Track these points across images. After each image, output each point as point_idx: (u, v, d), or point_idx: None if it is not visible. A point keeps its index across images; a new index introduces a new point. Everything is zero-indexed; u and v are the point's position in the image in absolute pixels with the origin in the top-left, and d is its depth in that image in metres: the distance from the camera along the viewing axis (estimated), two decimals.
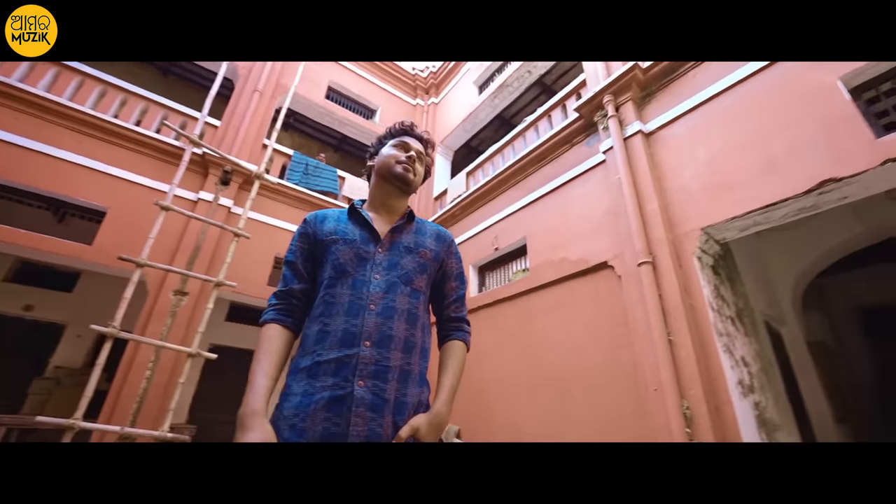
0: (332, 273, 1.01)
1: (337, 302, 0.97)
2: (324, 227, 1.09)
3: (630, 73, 3.65)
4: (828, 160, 2.43)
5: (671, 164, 3.29)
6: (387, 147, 1.18)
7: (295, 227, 5.52)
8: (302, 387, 0.89)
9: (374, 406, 0.87)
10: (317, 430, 0.83)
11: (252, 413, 0.83)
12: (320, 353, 0.92)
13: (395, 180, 1.12)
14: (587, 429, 3.15)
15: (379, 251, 1.05)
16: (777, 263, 4.62)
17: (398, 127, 1.20)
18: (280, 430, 0.85)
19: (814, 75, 2.63)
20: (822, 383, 4.13)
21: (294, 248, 1.10)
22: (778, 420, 2.96)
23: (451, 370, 1.03)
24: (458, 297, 1.16)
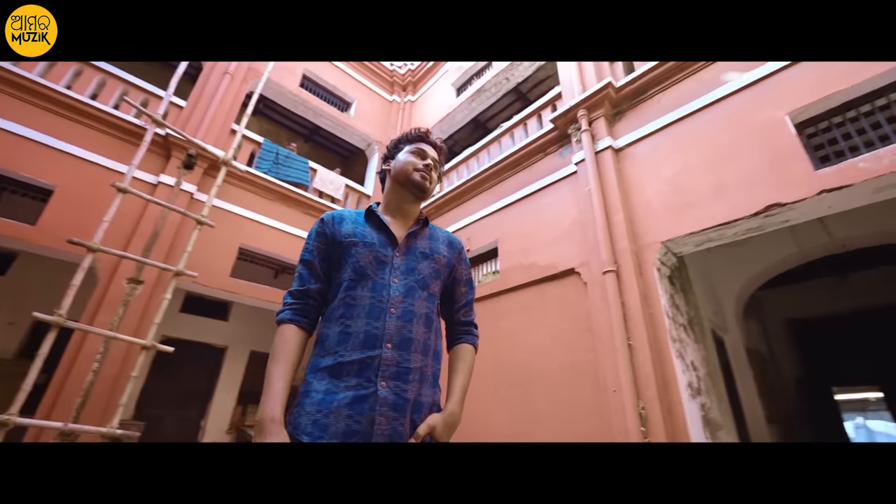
0: (353, 275, 1.03)
1: (358, 304, 0.99)
2: (342, 228, 1.10)
3: (604, 90, 3.85)
4: (774, 187, 2.70)
5: (637, 179, 3.51)
6: (403, 153, 1.19)
7: (262, 218, 5.36)
8: (324, 385, 0.92)
9: (397, 406, 0.91)
10: (339, 427, 0.86)
11: (271, 420, 0.85)
12: (343, 353, 0.94)
13: (413, 187, 1.15)
14: (550, 427, 3.30)
15: (396, 255, 1.08)
16: (722, 277, 5.04)
17: (415, 133, 1.22)
18: (302, 425, 0.88)
19: (765, 109, 2.91)
20: (757, 387, 4.56)
21: (311, 248, 1.11)
22: (720, 420, 3.24)
23: (462, 372, 1.09)
24: (467, 302, 1.21)
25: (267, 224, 5.40)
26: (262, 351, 7.64)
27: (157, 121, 3.30)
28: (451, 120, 7.07)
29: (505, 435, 3.61)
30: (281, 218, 5.58)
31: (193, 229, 3.61)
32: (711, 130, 3.17)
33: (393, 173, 1.19)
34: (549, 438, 3.23)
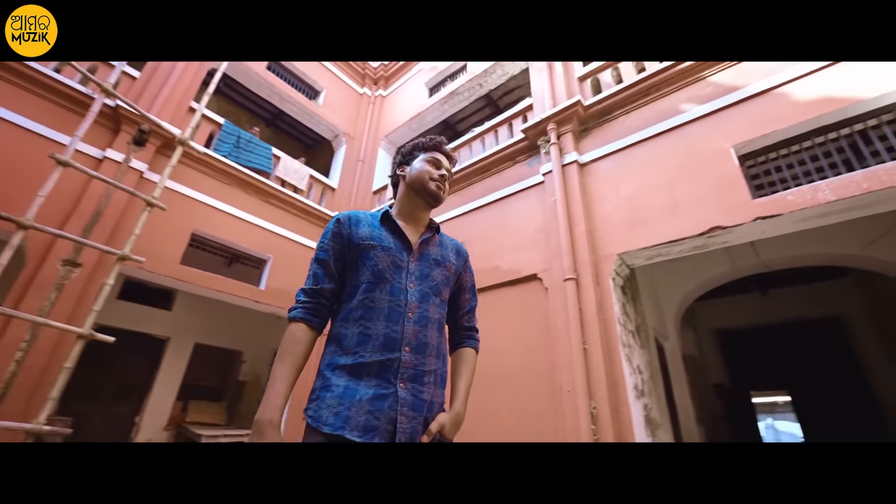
0: (371, 278, 1.05)
1: (377, 307, 1.02)
2: (359, 230, 1.12)
3: (573, 107, 4.06)
4: (717, 211, 3.00)
5: (599, 194, 3.74)
6: (419, 161, 1.22)
7: (219, 204, 5.09)
8: (344, 382, 0.94)
9: (415, 406, 0.96)
10: (360, 420, 0.90)
11: (270, 423, 0.87)
12: (363, 354, 0.97)
13: (428, 196, 1.18)
14: (506, 425, 3.44)
15: (411, 260, 1.11)
16: (665, 289, 5.47)
17: (430, 143, 1.25)
18: (323, 417, 0.90)
19: (714, 140, 3.22)
20: (690, 389, 5.01)
21: (326, 248, 1.12)
22: (659, 420, 3.54)
23: (466, 375, 1.15)
24: (470, 308, 1.26)
25: (223, 210, 5.14)
26: (208, 343, 7.23)
27: (107, 90, 3.06)
28: (421, 119, 7.09)
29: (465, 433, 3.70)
30: (239, 205, 5.32)
31: (143, 211, 3.38)
32: (667, 155, 3.46)
33: (408, 180, 1.21)
34: (507, 437, 3.37)
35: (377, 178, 7.05)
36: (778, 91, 3.07)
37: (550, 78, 4.65)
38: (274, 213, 5.72)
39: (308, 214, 6.11)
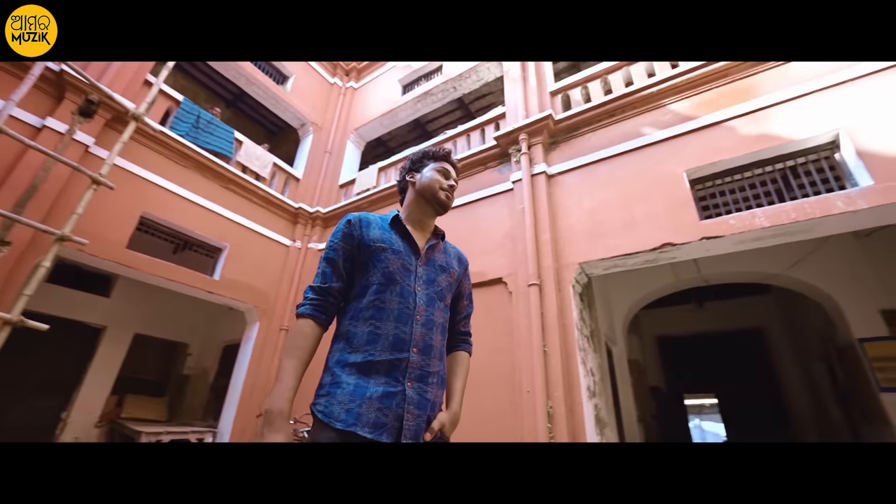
0: (382, 280, 1.08)
1: (387, 308, 1.06)
2: (370, 232, 1.14)
3: (545, 120, 4.24)
4: (669, 229, 3.27)
5: (564, 205, 3.94)
6: (429, 170, 1.26)
7: (173, 186, 4.78)
8: (354, 379, 0.97)
9: (420, 405, 1.00)
10: (370, 417, 0.93)
11: (280, 413, 0.90)
12: (372, 353, 1.00)
13: (438, 204, 1.23)
14: (467, 423, 3.53)
15: (419, 265, 1.15)
16: (616, 297, 5.85)
17: (441, 153, 1.30)
18: (335, 413, 0.93)
19: (669, 164, 3.51)
20: (633, 391, 5.40)
21: (336, 247, 1.14)
22: (607, 419, 3.80)
23: (462, 377, 1.21)
24: (467, 315, 1.32)
25: (178, 194, 4.83)
26: (150, 334, 6.74)
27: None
28: (393, 116, 7.05)
29: None
30: (196, 189, 5.03)
31: (87, 189, 3.16)
32: (627, 174, 3.71)
33: (418, 187, 1.25)
34: (468, 436, 3.46)
35: (345, 171, 6.92)
36: (726, 125, 3.40)
37: (524, 90, 4.82)
38: (233, 200, 5.46)
39: (270, 204, 5.89)
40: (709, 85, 3.61)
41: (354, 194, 6.25)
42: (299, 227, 6.21)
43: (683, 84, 3.72)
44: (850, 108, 2.93)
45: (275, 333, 5.44)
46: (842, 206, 2.71)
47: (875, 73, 2.91)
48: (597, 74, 4.47)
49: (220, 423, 5.02)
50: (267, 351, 5.30)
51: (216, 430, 4.99)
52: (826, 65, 3.12)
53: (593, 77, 4.48)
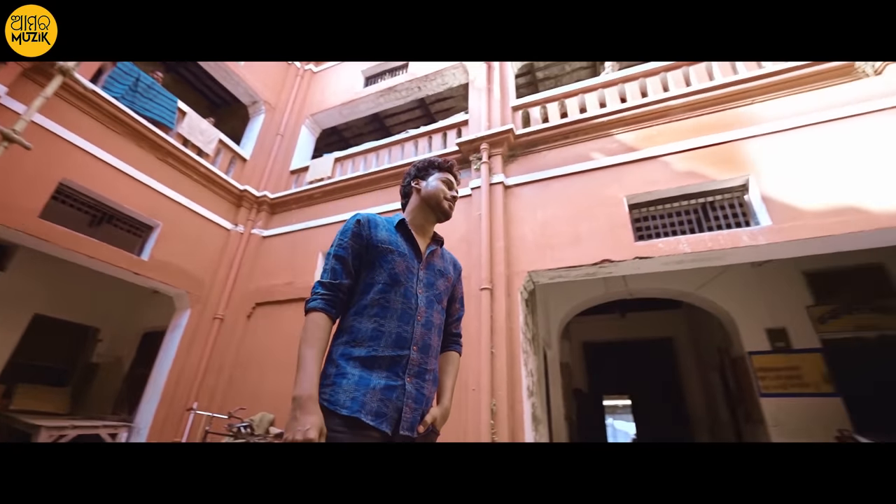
0: (388, 280, 1.14)
1: (391, 307, 1.12)
2: (378, 233, 1.19)
3: (506, 133, 4.46)
4: (609, 247, 3.63)
5: (518, 216, 4.19)
6: (434, 179, 1.33)
7: (101, 153, 4.33)
8: (358, 371, 1.03)
9: (417, 399, 1.08)
10: (373, 406, 1.00)
11: (310, 398, 0.95)
12: (376, 348, 1.06)
13: (441, 213, 1.31)
14: None
15: (421, 268, 1.22)
16: (554, 305, 6.29)
17: (446, 164, 1.37)
18: (341, 400, 0.99)
19: (613, 188, 3.89)
20: (562, 392, 5.85)
21: (346, 246, 1.18)
22: (541, 417, 4.11)
23: (452, 375, 1.29)
24: (459, 317, 1.39)
25: (106, 161, 4.35)
26: (53, 315, 5.95)
27: None
28: (353, 107, 6.91)
29: None
30: (128, 159, 4.56)
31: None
32: (576, 193, 4.05)
33: (424, 195, 1.32)
34: None
35: (297, 157, 6.65)
36: (662, 159, 3.86)
37: (489, 101, 5.02)
38: (170, 175, 5.03)
39: (211, 182, 5.50)
40: (651, 122, 4.06)
41: (307, 182, 6.05)
42: (243, 211, 5.87)
43: (630, 118, 4.14)
44: (759, 159, 3.48)
45: (208, 322, 5.10)
46: (747, 240, 3.22)
47: (779, 132, 3.49)
48: (555, 97, 4.79)
49: (137, 416, 4.60)
50: (198, 341, 4.95)
51: (132, 424, 4.57)
52: (744, 119, 3.67)
53: (552, 99, 4.80)
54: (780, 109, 3.58)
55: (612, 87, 4.51)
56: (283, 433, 0.93)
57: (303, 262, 5.27)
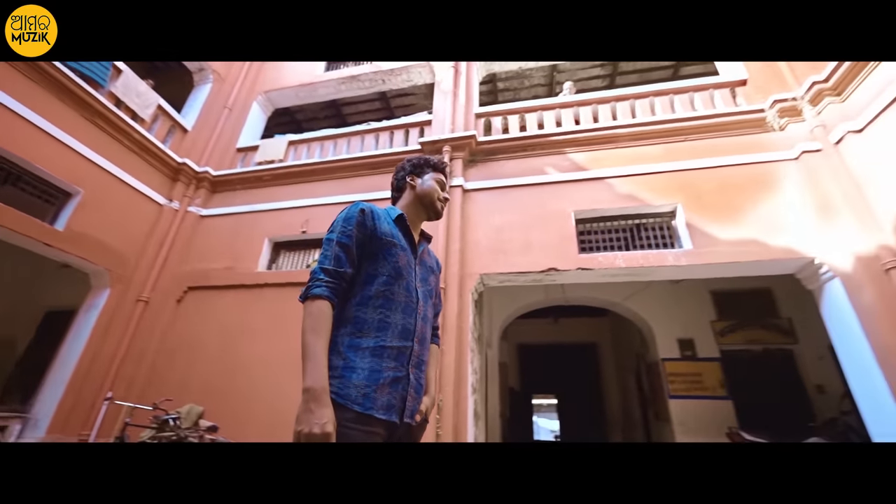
0: (392, 273, 1.16)
1: (395, 300, 1.14)
2: (381, 225, 1.20)
3: (468, 139, 4.61)
4: (555, 256, 3.92)
5: (475, 220, 4.35)
6: (429, 178, 1.36)
7: (17, 105, 3.79)
8: (367, 363, 1.04)
9: (417, 389, 1.13)
10: (382, 401, 1.02)
11: (325, 390, 0.95)
12: (383, 339, 1.08)
13: (433, 212, 1.35)
14: None
15: (416, 264, 1.25)
16: (497, 307, 6.58)
17: (441, 165, 1.41)
18: (353, 396, 0.99)
19: (563, 202, 4.19)
20: (499, 390, 6.14)
21: (350, 234, 1.16)
22: (481, 414, 4.31)
23: (435, 367, 1.34)
24: (437, 312, 1.44)
25: (20, 114, 3.79)
26: None
27: None
28: (312, 90, 6.66)
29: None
30: (49, 114, 4.01)
31: None
32: (529, 203, 4.30)
33: (419, 192, 1.35)
34: None
35: (246, 134, 6.26)
36: (607, 181, 4.23)
37: (454, 105, 5.13)
38: (98, 137, 4.50)
39: (145, 151, 5.01)
40: (600, 146, 4.43)
41: (255, 163, 5.73)
42: (180, 186, 5.41)
43: (582, 140, 4.48)
44: (687, 190, 3.96)
45: (130, 304, 4.63)
46: (672, 261, 3.66)
47: (704, 168, 4.00)
48: (516, 110, 5.04)
49: (34, 406, 4.05)
50: (117, 324, 4.48)
51: (27, 415, 4.02)
52: (677, 153, 4.15)
53: (514, 111, 5.04)
54: (706, 149, 4.11)
55: (569, 108, 4.85)
56: (297, 425, 0.91)
57: (246, 246, 4.99)
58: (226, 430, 3.53)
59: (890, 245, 3.03)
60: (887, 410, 2.83)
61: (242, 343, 4.33)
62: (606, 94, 4.82)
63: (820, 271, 3.44)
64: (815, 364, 5.23)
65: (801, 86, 3.84)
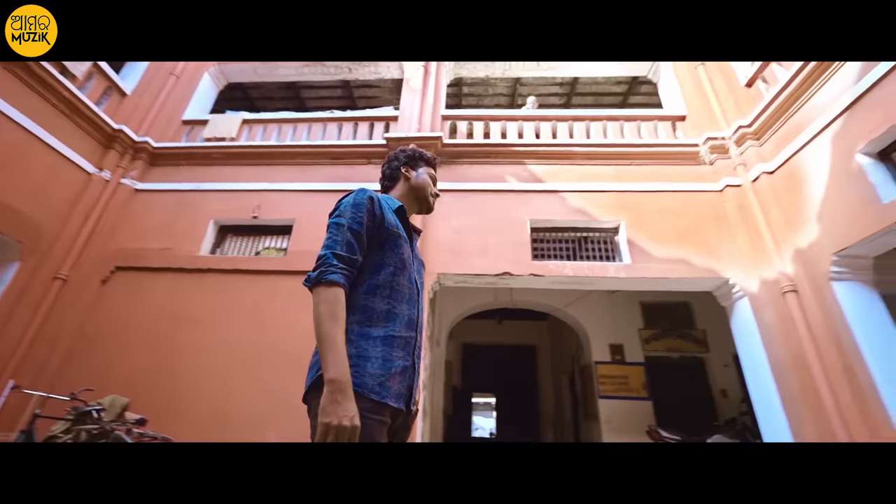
0: (398, 264, 1.16)
1: (401, 291, 1.16)
2: (387, 216, 1.20)
3: (435, 140, 4.68)
4: (510, 261, 4.12)
5: (435, 220, 4.42)
6: (423, 172, 1.39)
7: None
8: (380, 352, 1.05)
9: (418, 377, 1.17)
10: (395, 389, 1.04)
11: (348, 382, 0.94)
12: (393, 329, 1.10)
13: (426, 206, 1.39)
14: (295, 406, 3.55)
15: (413, 256, 1.27)
16: (447, 306, 6.72)
17: (433, 160, 1.44)
18: (369, 385, 1.00)
19: (520, 210, 4.41)
20: (444, 388, 6.28)
21: (360, 221, 1.15)
22: (428, 410, 4.39)
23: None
24: None
25: None
26: None
27: None
28: (272, 68, 6.33)
29: (257, 417, 3.58)
30: None
31: None
32: (489, 208, 4.47)
33: (414, 184, 1.37)
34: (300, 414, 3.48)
35: (194, 106, 5.81)
36: (561, 194, 4.52)
37: (422, 104, 5.17)
38: (18, 90, 3.96)
39: (75, 112, 4.48)
40: (557, 161, 4.71)
41: (202, 138, 5.34)
42: (113, 155, 4.90)
43: (541, 153, 4.74)
44: (630, 209, 4.35)
45: (44, 282, 4.12)
46: (612, 273, 4.01)
47: (646, 192, 4.42)
48: (482, 117, 5.20)
49: None
50: (28, 302, 3.97)
51: None
52: (624, 175, 4.54)
53: (479, 118, 5.20)
54: (649, 174, 4.54)
55: (531, 121, 5.10)
56: (324, 417, 0.88)
57: (188, 227, 4.65)
58: (156, 425, 3.29)
59: (787, 272, 3.58)
60: (776, 413, 3.35)
61: (179, 332, 4.03)
62: (566, 113, 5.13)
63: (733, 291, 3.96)
64: (721, 371, 5.97)
65: (730, 127, 4.39)
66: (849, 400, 3.00)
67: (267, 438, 3.53)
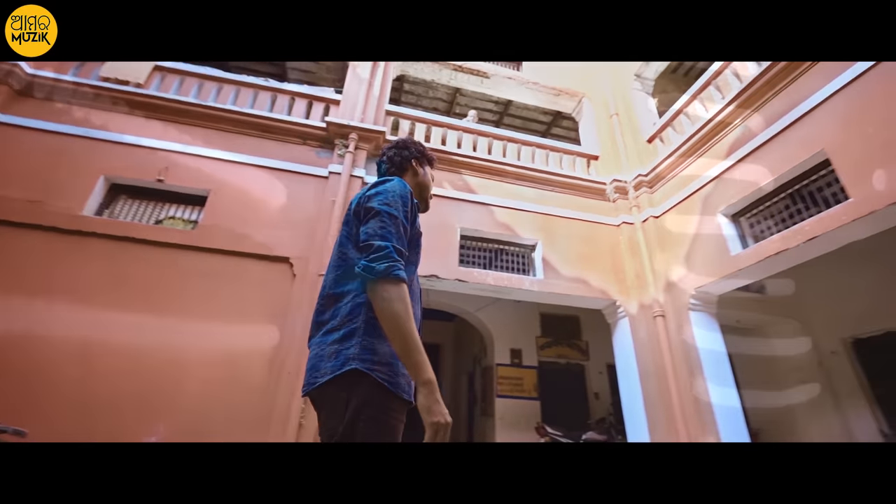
0: (417, 262, 1.15)
1: (413, 290, 1.13)
2: (417, 214, 1.21)
3: (378, 134, 4.66)
4: (439, 265, 4.30)
5: None
6: (427, 172, 1.42)
7: None
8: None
9: None
10: (412, 389, 1.02)
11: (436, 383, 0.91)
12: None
13: (425, 206, 1.40)
14: (217, 393, 3.27)
15: None
16: None
17: (435, 161, 1.46)
18: (402, 385, 0.99)
19: (452, 218, 4.63)
20: None
21: (406, 213, 1.11)
22: None
23: None
24: None
25: None
26: None
27: None
28: None
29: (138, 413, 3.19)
30: None
31: None
32: (426, 213, 4.60)
33: (421, 181, 1.39)
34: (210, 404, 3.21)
35: None
36: (489, 207, 4.86)
37: (367, 95, 5.08)
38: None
39: None
40: (490, 175, 5.05)
41: (98, 76, 4.52)
42: None
43: (476, 166, 5.03)
44: (547, 230, 4.87)
45: None
46: (527, 285, 4.46)
47: (562, 217, 4.99)
48: (426, 120, 5.32)
49: None
50: None
51: None
52: (543, 199, 5.06)
53: (423, 121, 5.30)
54: (565, 202, 5.13)
55: (470, 134, 5.37)
56: (432, 417, 0.86)
57: (71, 179, 3.91)
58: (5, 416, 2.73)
59: (659, 300, 4.39)
60: (639, 412, 4.09)
61: (47, 306, 3.38)
62: (502, 133, 5.52)
63: (618, 311, 4.71)
64: (596, 377, 6.95)
65: (632, 173, 5.19)
66: (690, 404, 3.82)
67: (146, 438, 3.15)
